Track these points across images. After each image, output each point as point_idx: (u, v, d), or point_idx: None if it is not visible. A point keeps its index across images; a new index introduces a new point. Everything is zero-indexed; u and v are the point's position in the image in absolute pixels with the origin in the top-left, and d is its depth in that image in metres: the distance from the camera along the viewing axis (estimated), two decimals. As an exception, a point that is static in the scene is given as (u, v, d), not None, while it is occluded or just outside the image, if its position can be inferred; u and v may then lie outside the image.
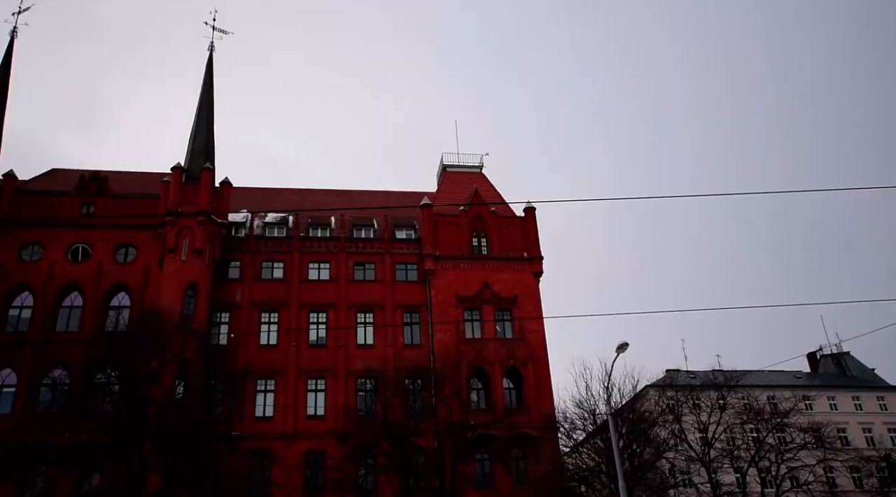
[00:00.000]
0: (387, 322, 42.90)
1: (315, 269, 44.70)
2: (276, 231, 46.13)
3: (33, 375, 36.54)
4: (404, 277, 45.44)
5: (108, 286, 40.32)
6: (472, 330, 43.64)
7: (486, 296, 44.44)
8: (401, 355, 41.50)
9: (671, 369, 50.24)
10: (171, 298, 38.27)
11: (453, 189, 50.94)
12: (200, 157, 45.20)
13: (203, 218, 41.61)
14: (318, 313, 43.00)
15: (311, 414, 39.47)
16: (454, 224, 47.16)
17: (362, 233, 47.09)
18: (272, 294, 43.03)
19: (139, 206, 43.37)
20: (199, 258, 40.70)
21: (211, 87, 49.70)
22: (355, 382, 40.67)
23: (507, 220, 48.15)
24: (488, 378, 41.22)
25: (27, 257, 40.68)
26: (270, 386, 39.85)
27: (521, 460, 39.52)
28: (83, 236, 41.75)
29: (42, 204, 42.60)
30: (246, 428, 37.12)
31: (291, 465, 36.53)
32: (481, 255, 46.48)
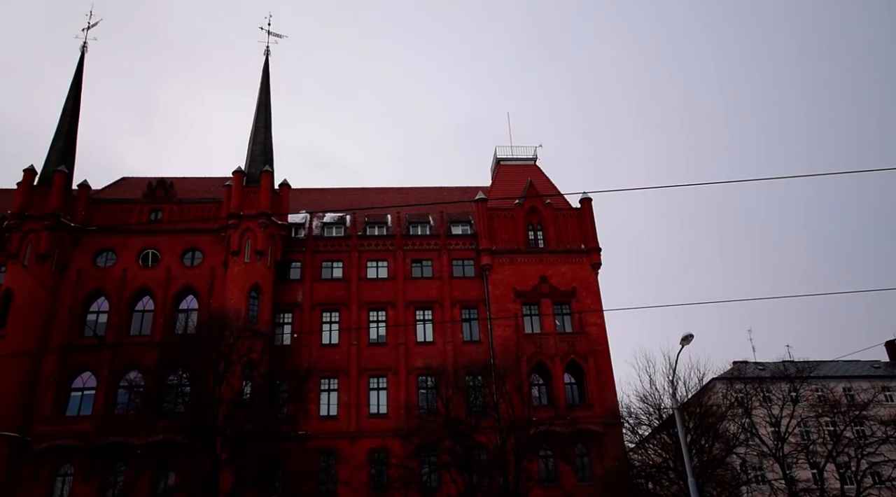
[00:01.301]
0: (445, 319, 43.01)
1: (373, 268, 45.17)
2: (335, 231, 46.81)
3: (111, 378, 38.23)
4: (461, 273, 45.44)
5: (176, 290, 41.74)
6: (531, 324, 43.32)
7: (544, 289, 44.02)
8: (460, 352, 41.56)
9: (738, 361, 48.69)
10: (236, 300, 39.35)
11: (508, 182, 50.59)
12: (259, 160, 46.20)
13: (264, 220, 42.57)
14: (377, 311, 43.47)
15: (373, 412, 40.01)
16: (510, 218, 46.84)
17: (418, 230, 47.29)
18: (332, 293, 43.71)
19: (203, 211, 44.69)
20: (262, 260, 41.70)
21: (268, 90, 50.66)
22: (416, 380, 40.97)
23: (563, 212, 47.51)
24: (549, 373, 40.87)
25: (102, 264, 42.48)
26: (333, 385, 40.56)
27: (585, 457, 39.10)
28: (152, 242, 43.34)
29: (114, 212, 44.42)
30: (311, 427, 38.02)
31: (356, 464, 37.17)
32: (538, 248, 46.03)
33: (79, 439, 35.21)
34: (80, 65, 49.79)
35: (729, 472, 36.04)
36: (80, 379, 38.55)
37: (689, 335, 26.34)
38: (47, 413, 36.92)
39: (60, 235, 41.71)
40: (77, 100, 48.45)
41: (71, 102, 48.01)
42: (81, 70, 49.66)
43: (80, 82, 49.24)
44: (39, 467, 35.50)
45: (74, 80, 49.19)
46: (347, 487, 35.41)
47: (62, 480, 35.68)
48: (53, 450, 35.52)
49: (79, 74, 49.44)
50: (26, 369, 37.30)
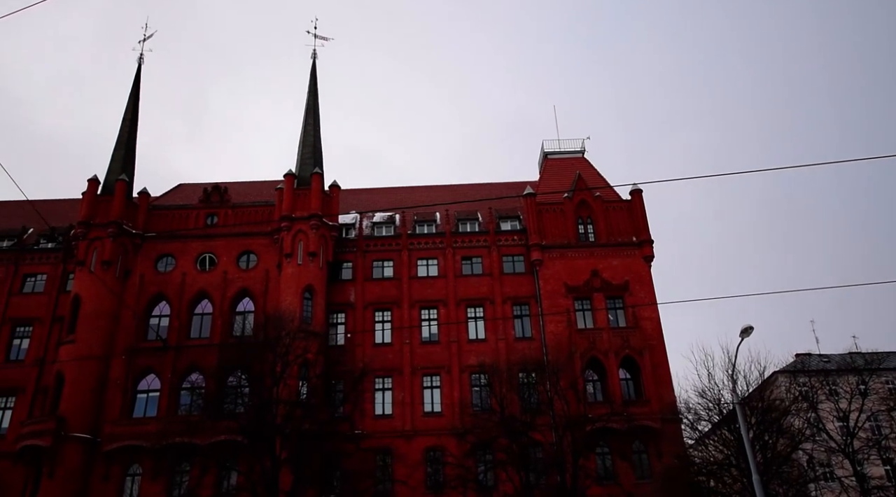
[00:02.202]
0: (496, 315, 42.89)
1: (423, 266, 45.34)
2: (384, 230, 47.16)
3: (174, 380, 39.53)
4: (512, 269, 45.22)
5: (233, 293, 42.79)
6: (584, 320, 42.82)
7: (596, 284, 43.43)
8: (513, 348, 41.39)
9: (801, 353, 47.07)
10: (290, 302, 40.09)
11: (556, 176, 50.03)
12: (309, 162, 46.89)
13: (315, 221, 43.21)
14: (428, 310, 43.64)
15: (428, 411, 40.21)
16: (559, 212, 46.34)
17: (467, 226, 47.24)
18: (384, 292, 44.08)
19: (257, 214, 45.65)
20: (314, 261, 42.36)
21: (315, 93, 51.29)
22: (469, 378, 41.00)
23: (614, 205, 46.75)
24: (604, 369, 40.35)
25: (162, 269, 43.87)
26: (388, 384, 40.92)
27: (644, 454, 38.48)
28: (209, 246, 44.51)
29: (172, 218, 45.84)
30: (367, 426, 38.49)
31: (413, 462, 37.44)
32: (588, 242, 45.43)
33: (145, 440, 36.54)
34: (138, 76, 51.32)
35: (795, 469, 34.98)
36: (145, 381, 40.01)
37: (749, 327, 25.56)
38: (116, 415, 38.44)
39: (123, 242, 43.25)
40: (135, 110, 50.05)
41: (130, 113, 49.63)
42: (139, 81, 51.20)
43: (137, 93, 50.80)
44: (110, 467, 37.01)
45: (132, 90, 50.76)
46: (405, 486, 35.71)
47: (132, 480, 37.13)
48: (122, 450, 36.96)
49: (136, 85, 50.98)
50: (95, 373, 38.90)
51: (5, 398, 40.37)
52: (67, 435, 36.51)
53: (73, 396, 37.71)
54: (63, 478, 35.65)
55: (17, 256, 44.75)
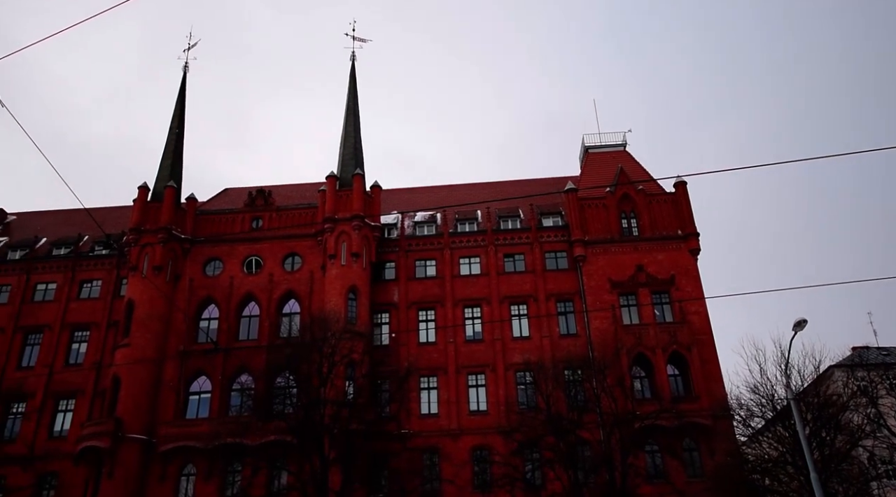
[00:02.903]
0: (540, 313, 42.61)
1: (466, 264, 45.32)
2: (426, 229, 47.28)
3: (224, 381, 40.42)
4: (554, 266, 44.88)
5: (279, 294, 43.49)
6: (630, 315, 42.22)
7: (641, 279, 42.78)
8: (558, 346, 41.07)
9: (858, 347, 45.44)
10: (335, 302, 40.55)
11: (597, 170, 49.43)
12: (351, 163, 47.32)
13: (357, 222, 43.60)
14: (472, 308, 43.61)
15: (473, 409, 40.21)
16: (601, 206, 45.77)
17: (509, 224, 47.04)
18: (427, 292, 44.22)
19: (300, 217, 46.33)
20: (357, 262, 42.76)
21: (355, 95, 51.70)
22: (514, 376, 40.83)
23: (657, 198, 45.93)
24: (651, 365, 39.72)
25: (210, 272, 44.88)
26: (433, 383, 41.04)
27: (695, 451, 37.72)
28: (255, 249, 45.34)
29: (219, 222, 46.82)
30: (413, 425, 38.72)
31: (459, 461, 37.49)
32: (632, 236, 44.75)
33: (198, 441, 37.47)
34: (183, 85, 52.44)
35: (855, 467, 33.80)
36: (196, 383, 41.02)
37: (803, 321, 24.78)
38: (170, 416, 39.50)
39: (173, 247, 44.38)
40: (182, 118, 51.23)
41: (176, 120, 50.81)
42: (184, 89, 52.31)
43: (183, 101, 51.95)
44: (166, 467, 38.06)
45: (178, 99, 51.92)
46: (452, 485, 35.78)
47: (186, 480, 38.13)
48: (177, 451, 37.97)
49: (182, 94, 52.12)
50: (150, 375, 40.04)
51: (66, 401, 41.93)
52: (124, 436, 37.69)
53: (129, 398, 38.90)
54: (122, 478, 36.83)
55: (74, 263, 46.37)
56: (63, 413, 41.68)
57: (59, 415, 41.63)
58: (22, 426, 40.94)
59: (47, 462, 39.59)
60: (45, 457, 39.67)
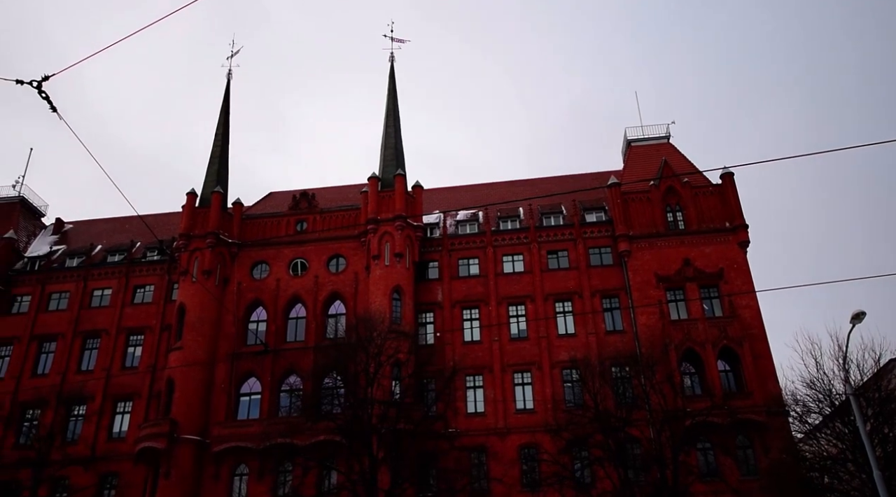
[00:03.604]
0: (585, 309, 42.20)
1: (509, 262, 45.18)
2: (468, 228, 47.28)
3: (273, 382, 41.21)
4: (599, 262, 44.42)
5: (325, 296, 44.08)
6: (677, 310, 41.49)
7: (689, 273, 41.99)
8: (604, 342, 40.63)
9: (922, 338, 43.74)
10: (379, 303, 40.91)
11: (640, 164, 48.69)
12: (392, 164, 47.65)
13: (400, 223, 43.89)
14: (516, 306, 43.47)
15: (520, 408, 40.09)
16: (645, 200, 45.10)
17: (551, 220, 46.71)
18: (470, 290, 44.23)
19: (344, 218, 46.87)
20: (401, 262, 43.05)
21: (395, 96, 52.00)
22: (560, 373, 40.54)
23: (703, 190, 45.02)
24: (701, 361, 38.96)
25: (257, 275, 45.76)
26: (479, 382, 41.04)
27: (749, 449, 36.84)
28: (300, 252, 46.03)
29: (264, 226, 47.68)
30: (460, 424, 38.79)
31: (507, 460, 37.42)
32: (678, 230, 43.97)
33: (250, 441, 38.30)
34: (227, 91, 53.46)
35: (922, 464, 32.50)
36: (246, 384, 41.92)
37: (861, 313, 23.96)
38: (222, 417, 40.44)
39: (221, 251, 45.39)
40: (226, 124, 52.27)
41: (221, 127, 51.88)
42: (228, 96, 53.32)
43: (228, 108, 52.97)
44: (220, 467, 39.00)
45: (223, 106, 52.95)
46: (501, 484, 35.73)
47: (239, 479, 38.99)
48: (230, 451, 38.87)
49: (226, 101, 53.14)
50: (202, 377, 41.06)
51: (124, 403, 43.32)
52: (179, 437, 38.73)
53: (182, 400, 39.97)
54: (178, 478, 37.88)
55: (128, 269, 47.82)
56: (121, 415, 43.07)
57: (118, 417, 43.04)
58: (83, 428, 42.45)
59: (108, 462, 40.98)
60: (105, 457, 41.08)
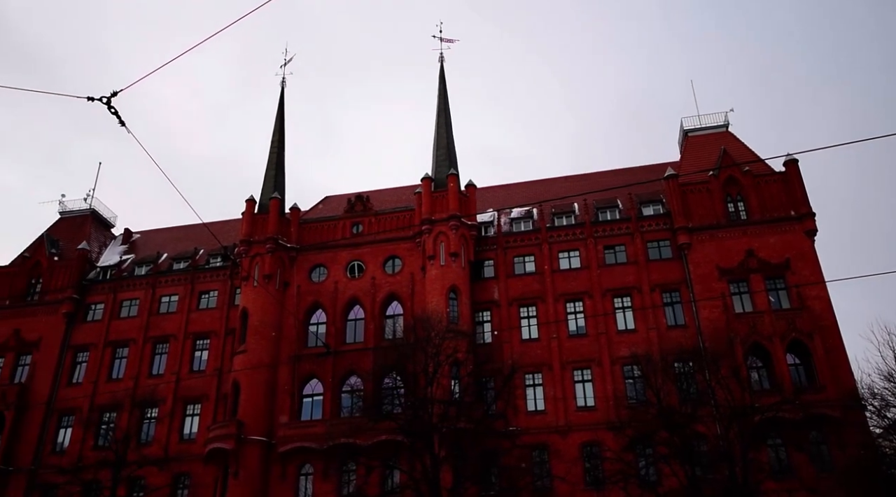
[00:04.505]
0: (645, 304, 41.43)
1: (565, 259, 44.74)
2: (523, 225, 47.01)
3: (334, 383, 41.92)
4: (658, 255, 43.54)
5: (382, 297, 44.57)
6: (742, 303, 40.29)
7: (753, 264, 40.72)
8: (666, 338, 39.76)
9: None
10: (436, 303, 41.12)
11: (698, 154, 47.49)
12: (444, 164, 47.81)
13: (454, 222, 43.98)
14: (573, 303, 43.01)
15: (581, 405, 39.65)
16: (705, 191, 43.95)
17: (607, 215, 46.01)
18: (527, 288, 43.98)
19: (398, 220, 47.29)
20: (456, 261, 43.16)
21: (445, 96, 52.08)
22: (621, 370, 39.93)
23: (766, 179, 43.56)
24: (768, 355, 37.71)
25: (316, 279, 46.63)
26: (538, 380, 40.76)
27: (823, 445, 35.42)
28: (357, 254, 46.67)
29: (321, 229, 48.56)
30: (520, 422, 38.63)
31: (570, 458, 37.04)
32: (740, 220, 42.73)
33: (314, 441, 39.07)
34: (282, 99, 54.53)
35: None
36: (309, 386, 42.76)
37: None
38: (286, 418, 41.38)
39: (280, 256, 46.45)
40: (282, 131, 53.37)
41: (277, 135, 53.01)
42: (283, 104, 54.38)
43: (282, 115, 54.05)
44: (286, 467, 39.89)
45: (278, 113, 54.03)
46: (564, 482, 35.42)
47: (305, 479, 39.81)
48: (295, 451, 39.70)
49: (281, 108, 54.18)
50: (266, 380, 42.13)
51: (193, 405, 44.83)
52: (246, 438, 39.82)
53: (248, 402, 41.08)
54: (246, 477, 38.97)
55: (193, 276, 49.43)
56: (191, 417, 44.55)
57: (188, 419, 44.53)
58: (156, 430, 44.09)
59: (180, 463, 42.44)
60: (178, 458, 42.54)
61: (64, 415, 45.98)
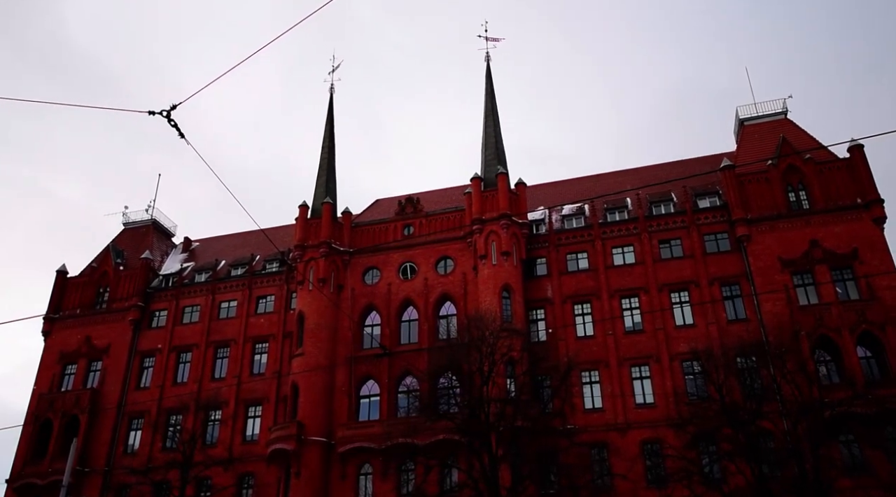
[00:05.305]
0: (704, 299, 40.48)
1: (619, 254, 44.10)
2: (574, 222, 46.53)
3: (390, 384, 42.32)
4: (715, 248, 42.49)
5: (435, 298, 44.75)
6: (807, 295, 38.96)
7: (817, 255, 39.33)
8: (726, 332, 38.71)
9: None
10: (489, 302, 41.04)
11: (755, 143, 46.15)
12: (493, 163, 47.70)
13: (505, 221, 43.82)
14: (629, 298, 42.35)
15: (640, 402, 39.02)
16: (763, 181, 42.68)
17: (661, 209, 45.13)
18: (581, 285, 43.51)
19: (449, 220, 47.37)
20: (508, 260, 43.00)
21: (492, 95, 51.92)
22: (681, 366, 39.08)
23: (829, 166, 41.99)
24: (837, 348, 36.31)
25: (369, 281, 47.16)
26: (594, 377, 40.32)
27: (900, 440, 33.94)
28: (409, 256, 46.98)
29: (373, 232, 49.07)
30: (578, 420, 38.25)
31: (630, 456, 36.42)
32: (802, 209, 41.32)
33: (372, 441, 39.53)
34: (331, 105, 55.15)
35: None
36: (365, 387, 43.28)
37: None
38: (344, 419, 41.98)
39: (334, 260, 47.14)
40: (332, 137, 54.07)
41: (327, 140, 53.76)
42: (332, 110, 55.03)
43: (332, 121, 54.64)
44: (345, 467, 40.44)
45: (328, 119, 54.60)
46: (625, 480, 34.85)
47: (364, 478, 40.28)
48: (354, 451, 40.22)
49: (330, 114, 54.79)
50: (323, 381, 42.83)
51: (254, 407, 45.96)
52: (306, 439, 40.54)
53: (307, 404, 41.83)
54: (307, 477, 39.65)
55: (250, 282, 50.65)
56: (252, 419, 45.67)
57: (250, 420, 45.67)
58: (220, 431, 45.34)
59: (244, 463, 43.57)
60: (241, 459, 43.69)
61: (133, 418, 47.75)
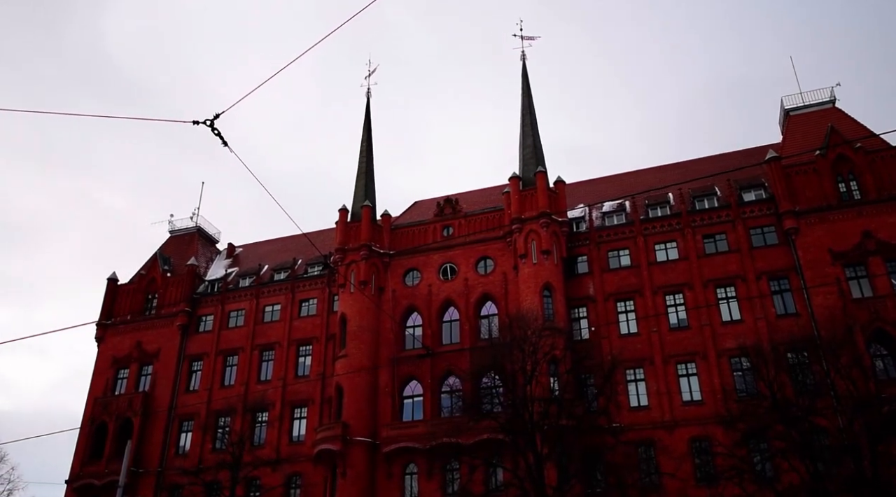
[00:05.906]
0: (751, 294, 39.56)
1: (662, 250, 43.43)
2: (615, 219, 46.02)
3: (433, 384, 42.43)
4: (762, 242, 41.50)
5: (476, 298, 44.69)
6: (860, 288, 37.78)
7: (870, 246, 38.07)
8: (775, 327, 37.77)
9: None
10: (530, 301, 40.84)
11: (802, 134, 44.96)
12: (531, 162, 47.49)
13: (545, 220, 43.55)
14: (673, 295, 41.65)
15: (687, 400, 38.33)
16: (811, 172, 41.54)
17: (705, 203, 44.28)
18: (623, 282, 42.97)
19: (488, 220, 47.29)
20: (548, 258, 42.73)
21: (529, 93, 51.73)
22: (729, 362, 38.29)
23: (882, 154, 40.62)
24: (894, 341, 35.07)
25: (410, 282, 47.38)
26: (639, 375, 39.77)
27: (964, 436, 32.52)
28: (448, 256, 47.06)
29: (413, 234, 49.28)
30: (623, 418, 37.77)
31: (678, 454, 35.76)
32: (853, 200, 40.07)
33: (417, 441, 39.71)
34: (368, 109, 55.69)
35: None
36: (408, 387, 43.45)
37: None
38: (388, 419, 42.24)
39: (374, 262, 47.51)
40: (369, 141, 54.53)
41: (365, 144, 54.24)
42: (369, 114, 55.54)
43: (369, 125, 55.16)
44: (391, 466, 40.69)
45: (365, 123, 55.16)
46: (673, 479, 34.22)
47: (410, 478, 40.47)
48: (399, 451, 40.45)
49: (367, 118, 55.36)
50: (367, 382, 43.18)
51: (300, 409, 46.62)
52: (352, 439, 40.93)
53: (351, 405, 42.22)
54: (353, 477, 40.02)
55: (293, 285, 51.40)
56: (298, 420, 46.32)
57: (296, 422, 46.33)
58: (267, 433, 46.10)
59: (292, 463, 44.24)
60: (289, 459, 44.37)
61: (184, 420, 48.89)
